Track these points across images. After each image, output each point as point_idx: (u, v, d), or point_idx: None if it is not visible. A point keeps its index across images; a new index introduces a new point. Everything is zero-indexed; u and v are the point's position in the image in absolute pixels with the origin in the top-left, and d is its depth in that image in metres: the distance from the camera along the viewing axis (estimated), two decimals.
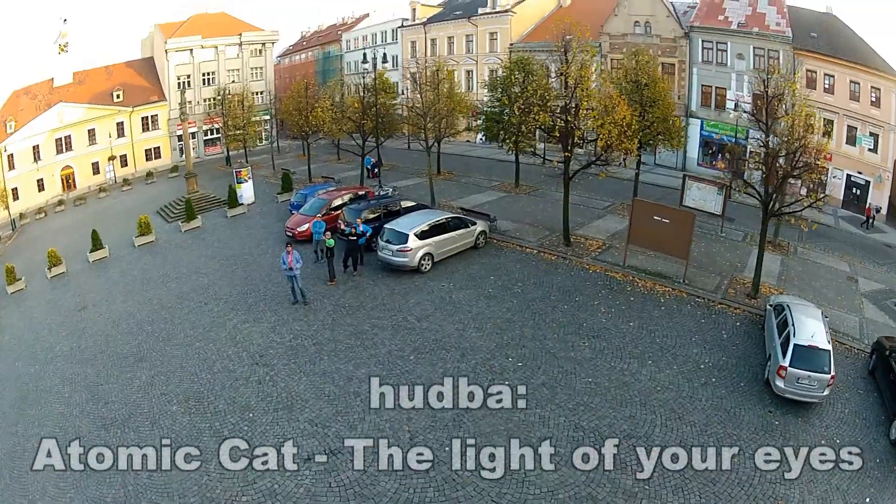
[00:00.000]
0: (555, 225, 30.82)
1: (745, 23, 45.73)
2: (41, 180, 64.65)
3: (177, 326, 24.13)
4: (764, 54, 44.27)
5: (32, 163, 63.67)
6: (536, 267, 26.71)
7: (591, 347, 20.03)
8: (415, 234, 25.47)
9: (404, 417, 16.37)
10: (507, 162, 45.60)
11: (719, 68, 47.64)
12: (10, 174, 61.95)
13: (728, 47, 46.88)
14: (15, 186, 62.15)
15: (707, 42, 48.09)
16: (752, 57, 45.44)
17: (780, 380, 16.66)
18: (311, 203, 33.36)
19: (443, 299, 23.63)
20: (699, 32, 48.20)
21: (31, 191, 63.63)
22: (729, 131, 45.45)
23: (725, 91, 47.17)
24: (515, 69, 37.74)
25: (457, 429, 15.89)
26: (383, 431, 15.95)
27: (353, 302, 23.93)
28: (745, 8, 46.22)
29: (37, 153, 63.82)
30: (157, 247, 36.43)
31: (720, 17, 47.43)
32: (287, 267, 23.33)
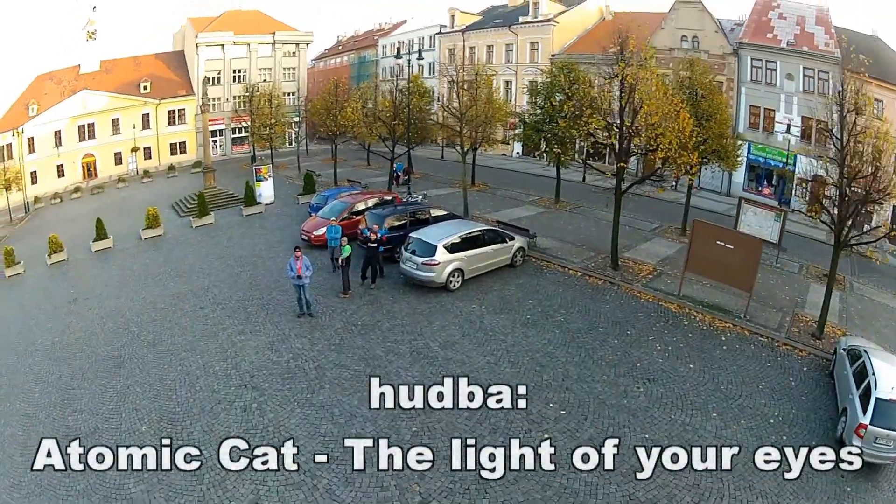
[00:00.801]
0: (600, 245, 27.75)
1: (794, 42, 43.05)
2: (61, 166, 63.30)
3: (165, 331, 21.17)
4: (814, 75, 41.63)
5: (53, 148, 62.27)
6: (581, 292, 23.16)
7: (647, 394, 16.49)
8: (444, 245, 22.00)
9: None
10: (544, 177, 43.70)
11: (768, 88, 44.55)
12: (29, 157, 60.84)
13: (777, 66, 43.88)
14: (34, 170, 61.21)
15: (756, 60, 45.10)
16: (801, 78, 42.49)
17: (858, 439, 13.66)
18: (331, 205, 30.15)
19: (472, 324, 20.11)
20: (748, 50, 45.27)
21: (51, 176, 62.28)
22: (777, 156, 43.04)
23: (774, 113, 44.29)
24: (560, 74, 34.46)
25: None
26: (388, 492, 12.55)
27: (367, 320, 20.50)
28: (793, 27, 43.60)
29: (58, 139, 62.35)
30: (163, 241, 34.04)
31: (769, 34, 44.65)
32: (295, 275, 20.10)
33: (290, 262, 20.26)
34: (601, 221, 32.70)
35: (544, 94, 35.45)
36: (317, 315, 20.73)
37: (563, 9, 58.11)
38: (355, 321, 20.34)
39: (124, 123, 65.34)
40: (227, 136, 70.60)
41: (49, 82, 64.24)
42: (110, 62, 67.46)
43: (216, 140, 70.63)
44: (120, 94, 65.00)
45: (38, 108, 61.44)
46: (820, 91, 40.13)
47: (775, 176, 44.33)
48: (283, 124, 57.32)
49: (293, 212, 37.23)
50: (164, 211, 40.47)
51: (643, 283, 23.83)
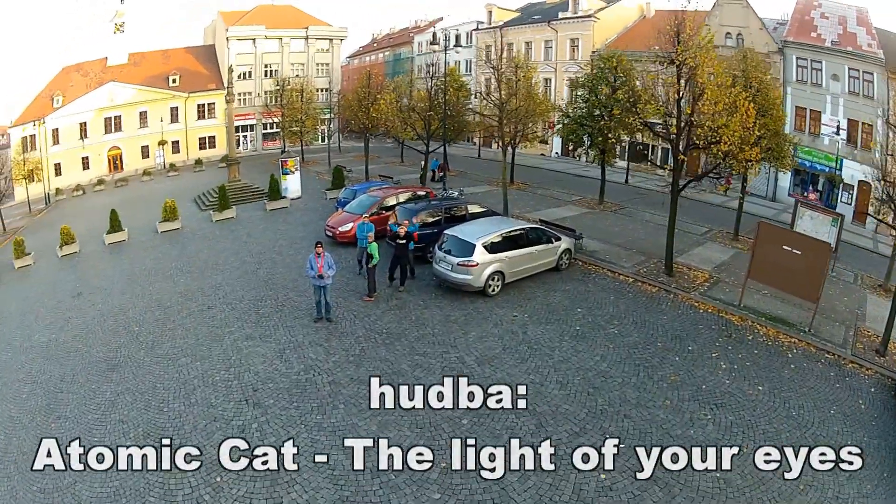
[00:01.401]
0: (650, 249, 24.89)
1: (837, 41, 40.55)
2: (86, 158, 62.10)
3: (167, 332, 18.89)
4: (859, 76, 39.00)
5: (78, 140, 61.02)
6: (635, 300, 20.14)
7: (716, 422, 13.55)
8: (483, 244, 19.15)
9: None
10: (585, 177, 42.41)
11: (814, 89, 41.74)
12: (53, 149, 59.80)
13: (823, 66, 41.14)
14: (58, 162, 60.18)
15: (801, 60, 42.34)
16: (846, 78, 39.84)
17: None
18: (360, 200, 27.53)
19: (514, 336, 17.21)
20: (793, 48, 42.52)
21: (76, 168, 61.07)
22: (823, 159, 40.50)
23: (820, 115, 41.58)
24: (606, 66, 31.90)
25: None
26: None
27: (393, 328, 17.69)
28: (835, 27, 41.11)
29: (84, 131, 61.07)
30: (180, 235, 32.02)
31: (812, 34, 42.06)
32: (315, 273, 17.47)
33: (311, 259, 17.64)
34: (649, 224, 30.10)
35: (589, 86, 32.60)
36: (336, 320, 18.04)
37: (604, 5, 55.35)
38: (379, 329, 17.55)
39: (152, 116, 63.84)
40: (257, 131, 68.78)
41: (75, 74, 63.07)
42: (139, 55, 66.08)
43: (246, 135, 68.91)
44: (148, 86, 63.40)
45: (64, 100, 60.32)
46: (865, 93, 38.48)
47: (822, 180, 41.79)
48: (314, 119, 54.83)
49: (320, 207, 34.74)
50: (185, 204, 38.91)
51: (701, 292, 20.82)
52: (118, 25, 66.17)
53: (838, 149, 38.95)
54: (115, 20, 66.05)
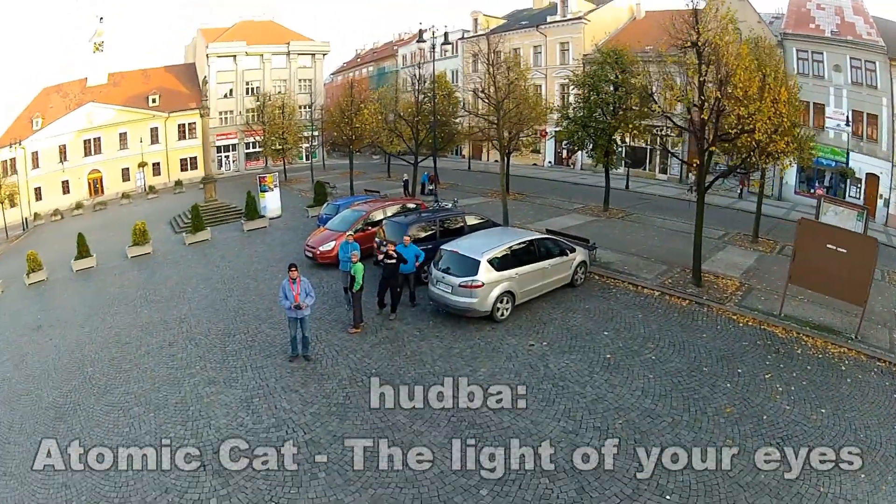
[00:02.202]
0: (669, 257, 22.12)
1: (837, 31, 38.62)
2: (66, 182, 59.25)
3: (121, 374, 15.50)
4: (861, 66, 37.35)
5: (58, 163, 58.21)
6: (666, 317, 16.87)
7: (786, 461, 10.50)
8: (489, 260, 15.77)
9: None
10: (581, 185, 40.66)
11: (816, 81, 39.40)
12: (33, 172, 57.08)
13: (824, 58, 39.00)
14: (38, 186, 57.48)
15: (802, 52, 40.20)
16: (848, 69, 37.82)
17: None
18: (343, 215, 24.06)
19: (534, 370, 13.80)
20: (793, 41, 40.38)
21: (56, 192, 58.26)
22: (829, 153, 38.41)
23: (824, 108, 39.40)
24: (607, 62, 29.18)
25: None
26: None
27: (384, 366, 14.21)
28: (832, 17, 39.41)
29: (63, 154, 58.04)
30: (150, 260, 28.64)
31: (811, 25, 40.13)
32: (291, 304, 14.04)
33: (284, 286, 14.22)
34: (662, 230, 27.58)
35: (590, 84, 29.48)
36: (315, 358, 14.58)
37: (593, 7, 52.61)
38: (368, 368, 14.05)
39: (132, 138, 60.80)
40: (240, 150, 65.53)
41: (55, 95, 60.23)
42: (118, 75, 63.16)
43: (228, 155, 65.57)
44: (127, 107, 60.04)
45: (43, 122, 57.28)
46: (868, 83, 36.57)
47: (828, 175, 39.59)
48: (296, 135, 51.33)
49: (301, 226, 31.30)
50: (161, 227, 35.97)
51: (735, 302, 17.85)
52: (97, 45, 63.20)
53: (848, 142, 37.14)
54: (94, 39, 63.00)
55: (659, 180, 45.07)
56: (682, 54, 19.10)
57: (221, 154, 65.27)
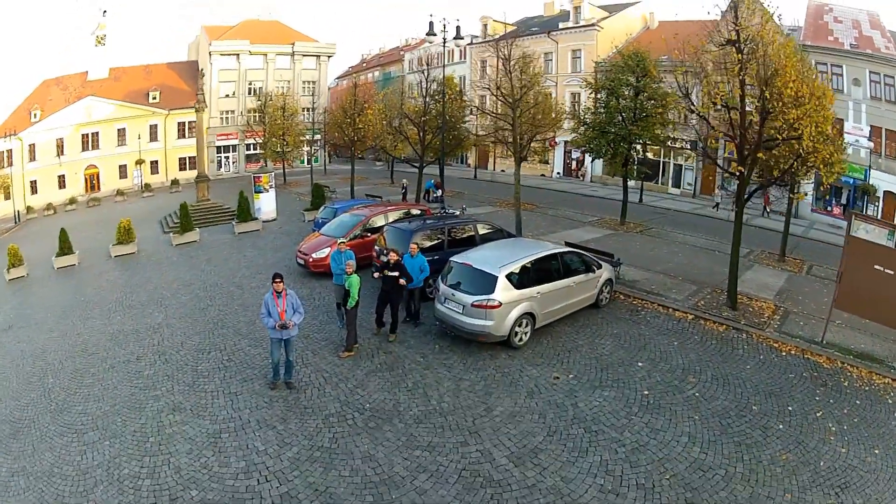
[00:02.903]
0: (697, 276, 19.91)
1: (856, 45, 36.69)
2: (63, 177, 56.78)
3: (82, 390, 13.22)
4: (880, 80, 35.50)
5: (55, 157, 55.74)
6: (704, 345, 14.40)
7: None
8: (507, 276, 13.28)
9: None
10: (592, 196, 38.94)
11: (836, 95, 36.77)
12: (30, 165, 54.74)
13: (843, 71, 36.81)
14: (34, 179, 55.26)
15: (821, 65, 37.43)
16: (868, 83, 35.78)
17: None
18: (340, 220, 21.64)
19: (561, 411, 11.30)
20: (812, 52, 37.80)
21: (52, 186, 55.83)
22: (848, 170, 35.36)
23: (843, 122, 36.67)
24: (628, 65, 27.11)
25: None
26: None
27: (381, 400, 11.66)
28: (850, 30, 37.70)
29: (60, 147, 55.55)
30: (133, 260, 26.31)
31: (829, 37, 38.07)
32: (276, 322, 11.47)
33: (267, 300, 11.65)
34: (684, 246, 25.11)
35: (609, 88, 27.16)
36: (299, 387, 12.06)
37: (606, 14, 50.32)
38: (361, 402, 11.52)
39: (130, 134, 58.41)
40: (240, 152, 63.18)
41: (55, 87, 57.93)
42: (120, 70, 60.88)
43: (228, 156, 63.12)
44: (127, 102, 57.60)
45: (42, 114, 54.84)
46: (888, 98, 34.75)
47: (845, 192, 37.42)
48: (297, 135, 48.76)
49: (297, 230, 28.93)
50: (150, 226, 33.79)
51: (775, 328, 15.58)
52: (100, 38, 61.00)
53: (869, 158, 35.45)
54: (97, 32, 60.79)
55: (672, 194, 42.79)
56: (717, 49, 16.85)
57: (221, 155, 62.96)
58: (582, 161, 49.54)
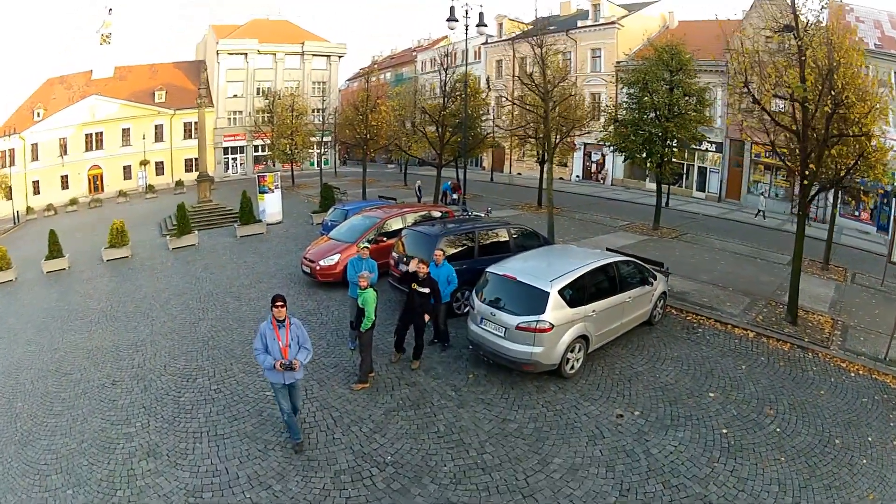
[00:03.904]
0: (747, 286, 17.71)
1: (881, 45, 34.51)
2: (65, 177, 54.73)
3: (50, 419, 10.99)
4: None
5: (58, 157, 53.67)
6: (773, 368, 12.12)
7: None
8: (559, 291, 10.67)
9: None
10: (616, 200, 36.98)
11: None
12: (32, 165, 52.79)
13: (870, 72, 33.33)
14: (36, 179, 53.32)
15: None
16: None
17: None
18: (351, 223, 18.97)
19: (632, 459, 8.79)
20: None
21: (55, 187, 53.77)
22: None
23: None
24: (661, 59, 24.68)
25: None
26: None
27: (404, 450, 9.03)
28: (872, 30, 35.39)
29: (63, 147, 53.43)
30: (126, 265, 23.92)
31: (854, 37, 34.49)
32: (275, 362, 8.51)
33: (264, 330, 8.65)
34: (725, 252, 22.71)
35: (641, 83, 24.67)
36: (303, 446, 9.14)
37: (625, 13, 47.73)
38: (380, 453, 8.92)
39: (135, 134, 56.20)
40: (248, 153, 60.74)
41: (59, 86, 55.84)
42: (125, 69, 58.74)
43: (236, 157, 60.79)
44: (132, 102, 55.36)
45: (45, 113, 52.75)
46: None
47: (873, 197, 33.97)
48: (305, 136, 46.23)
49: (304, 234, 26.43)
50: (149, 228, 31.53)
51: (838, 345, 13.59)
52: (105, 36, 58.87)
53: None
54: (102, 30, 58.66)
55: (696, 198, 40.21)
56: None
57: (229, 156, 60.62)
58: (602, 164, 47.13)
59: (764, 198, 34.25)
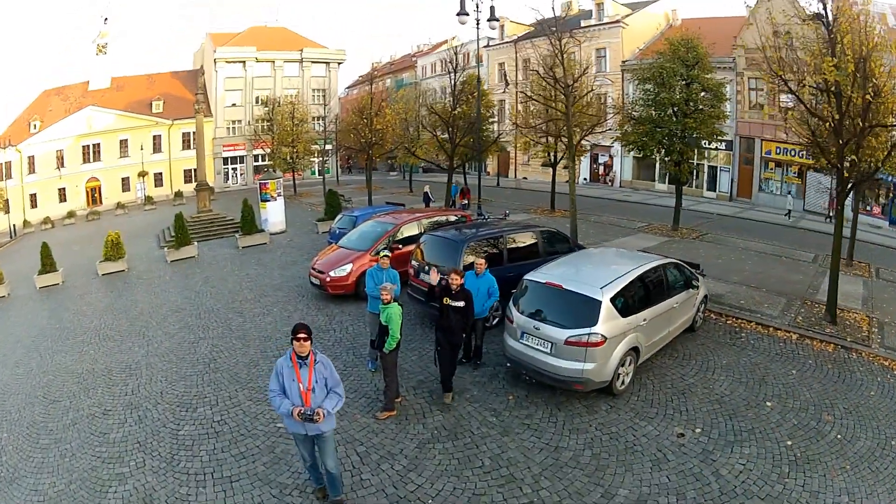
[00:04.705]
0: (780, 286, 16.71)
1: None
2: (63, 190, 53.26)
3: (36, 454, 9.64)
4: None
5: (55, 169, 52.29)
6: (822, 371, 11.15)
7: None
8: (611, 299, 9.28)
9: None
10: (626, 202, 35.99)
11: None
12: (29, 178, 51.38)
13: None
14: (34, 192, 51.90)
15: None
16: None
17: None
18: (362, 229, 17.48)
19: (702, 483, 7.48)
20: None
21: (52, 200, 52.37)
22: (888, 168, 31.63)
23: None
24: (676, 53, 23.53)
25: None
26: None
27: (446, 492, 7.49)
28: (877, 24, 32.80)
29: (61, 160, 52.04)
30: (122, 279, 22.41)
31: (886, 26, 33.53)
32: (297, 409, 6.56)
33: (281, 368, 6.74)
34: (749, 252, 21.59)
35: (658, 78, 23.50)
36: (344, 500, 7.47)
37: (629, 11, 46.43)
38: (419, 497, 7.42)
39: (133, 145, 54.89)
40: (248, 163, 59.31)
41: (55, 98, 54.51)
42: (122, 79, 57.51)
43: (236, 167, 59.40)
44: (129, 112, 54.00)
45: (41, 125, 51.39)
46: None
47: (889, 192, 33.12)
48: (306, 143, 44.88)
49: (309, 243, 25.03)
50: (147, 241, 30.04)
51: (878, 343, 12.88)
52: (101, 47, 57.59)
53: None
54: (97, 41, 57.40)
55: (707, 198, 38.92)
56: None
57: (228, 167, 59.21)
58: (610, 166, 45.82)
59: (791, 197, 33.06)
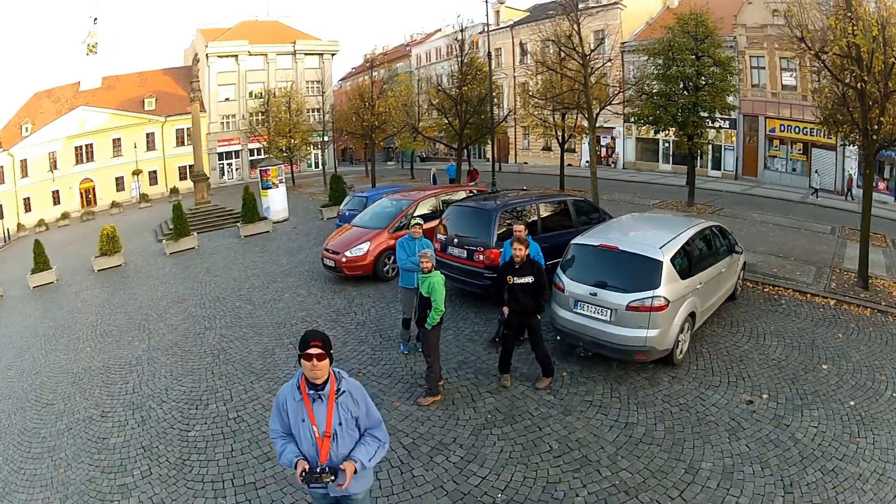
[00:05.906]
0: (808, 256, 16.68)
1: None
2: (57, 192, 51.74)
3: (27, 465, 8.29)
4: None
5: (48, 172, 50.81)
6: (865, 333, 10.71)
7: None
8: (671, 259, 8.16)
9: None
10: (633, 182, 35.51)
11: None
12: (22, 182, 49.85)
13: None
14: (27, 196, 50.40)
15: None
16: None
17: None
18: (375, 208, 16.23)
19: (782, 450, 6.71)
20: None
21: (46, 202, 50.93)
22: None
23: None
24: (684, 28, 22.94)
25: None
26: None
27: (515, 481, 6.28)
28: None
29: (53, 162, 50.50)
30: (119, 274, 21.12)
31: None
32: (297, 459, 3.97)
33: (282, 402, 4.09)
34: (768, 225, 21.56)
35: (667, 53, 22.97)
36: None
37: None
38: (484, 489, 6.15)
39: (126, 144, 53.40)
40: (243, 158, 57.89)
41: (46, 100, 52.86)
42: (113, 78, 55.99)
43: (231, 163, 58.04)
44: (121, 111, 52.53)
45: (33, 128, 49.93)
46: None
47: (888, 167, 32.29)
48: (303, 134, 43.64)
49: (315, 229, 23.80)
50: (144, 236, 28.87)
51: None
52: (91, 46, 56.06)
53: None
54: (87, 41, 55.89)
55: (713, 177, 37.89)
56: None
57: (223, 162, 57.80)
58: (612, 147, 44.68)
59: (818, 175, 31.97)
